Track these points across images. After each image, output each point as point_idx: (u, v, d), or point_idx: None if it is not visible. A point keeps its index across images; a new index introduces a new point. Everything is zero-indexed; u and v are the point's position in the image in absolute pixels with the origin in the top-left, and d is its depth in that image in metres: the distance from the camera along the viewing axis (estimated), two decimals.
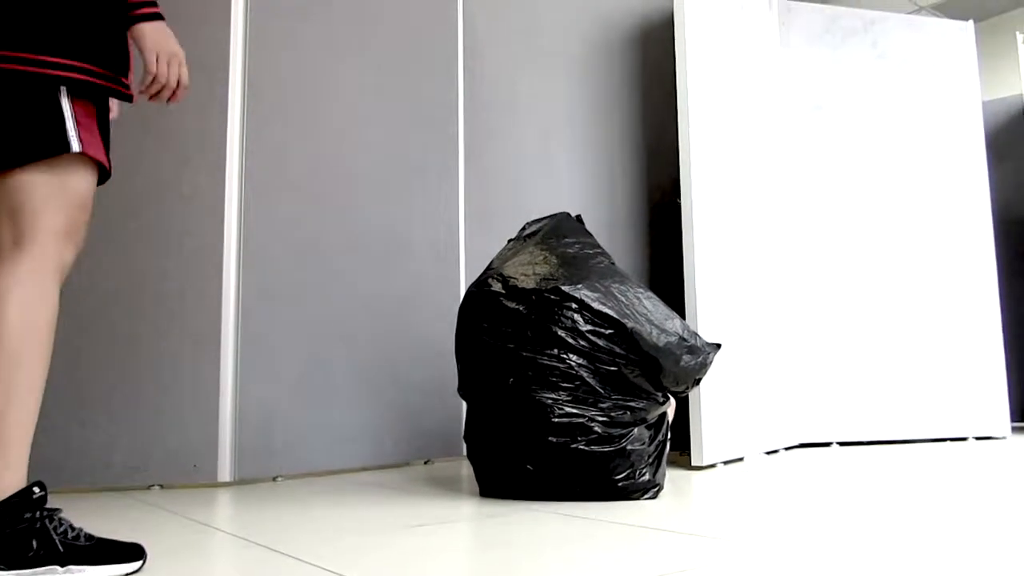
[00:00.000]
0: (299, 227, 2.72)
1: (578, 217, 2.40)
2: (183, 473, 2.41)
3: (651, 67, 3.75)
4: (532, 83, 3.44)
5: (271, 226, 2.63)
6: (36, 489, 1.27)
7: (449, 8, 3.29)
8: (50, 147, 1.31)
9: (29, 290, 1.30)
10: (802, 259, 3.56)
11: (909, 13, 5.25)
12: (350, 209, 2.87)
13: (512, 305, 2.07)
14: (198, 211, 2.51)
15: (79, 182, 1.36)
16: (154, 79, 1.45)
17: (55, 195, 1.33)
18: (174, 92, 1.50)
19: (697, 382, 2.17)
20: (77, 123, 1.33)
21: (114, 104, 1.58)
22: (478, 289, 2.17)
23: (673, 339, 2.04)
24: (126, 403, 2.41)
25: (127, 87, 1.44)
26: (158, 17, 1.47)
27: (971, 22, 3.96)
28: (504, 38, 3.41)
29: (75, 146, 1.32)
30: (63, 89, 1.33)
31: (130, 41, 1.48)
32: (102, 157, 1.39)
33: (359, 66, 2.95)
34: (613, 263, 2.22)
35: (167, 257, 2.49)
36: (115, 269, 2.45)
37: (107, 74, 1.38)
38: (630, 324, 2.00)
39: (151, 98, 1.48)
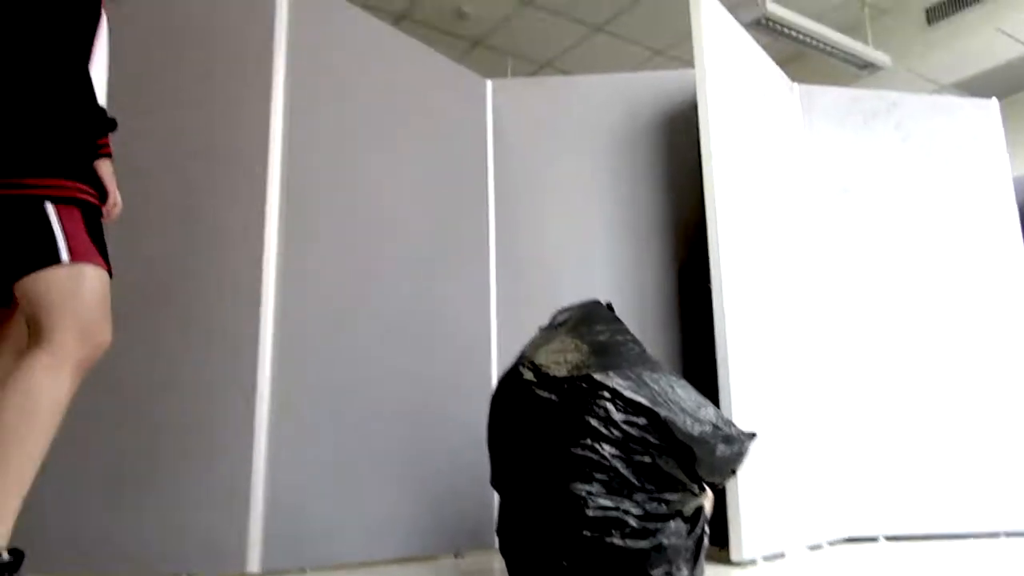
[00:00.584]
0: (334, 315, 2.74)
1: (608, 304, 2.41)
2: (212, 562, 2.38)
3: (676, 151, 3.80)
4: (560, 171, 3.50)
5: (307, 314, 2.66)
6: (6, 555, 1.31)
7: (478, 101, 3.38)
8: (44, 258, 1.46)
9: (38, 380, 1.42)
10: (838, 343, 3.51)
11: (931, 93, 5.31)
12: (383, 297, 2.90)
13: (544, 394, 2.05)
14: (236, 301, 2.55)
15: (85, 284, 1.49)
16: (114, 205, 1.73)
17: (63, 299, 1.47)
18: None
19: (734, 473, 2.12)
20: (66, 233, 1.48)
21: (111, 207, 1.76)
22: (510, 378, 2.16)
23: (707, 428, 2.01)
24: (158, 490, 2.41)
25: (97, 199, 1.62)
26: (110, 155, 1.74)
27: (995, 99, 3.98)
28: (532, 128, 3.49)
29: (64, 256, 1.47)
30: (48, 204, 1.47)
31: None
32: (94, 259, 1.52)
33: (392, 157, 3.03)
34: (644, 350, 2.21)
35: (204, 345, 2.52)
36: (153, 356, 2.48)
37: (83, 187, 1.55)
38: (663, 413, 1.98)
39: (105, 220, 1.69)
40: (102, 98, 1.73)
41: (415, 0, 5.47)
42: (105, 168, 1.70)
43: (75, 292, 1.48)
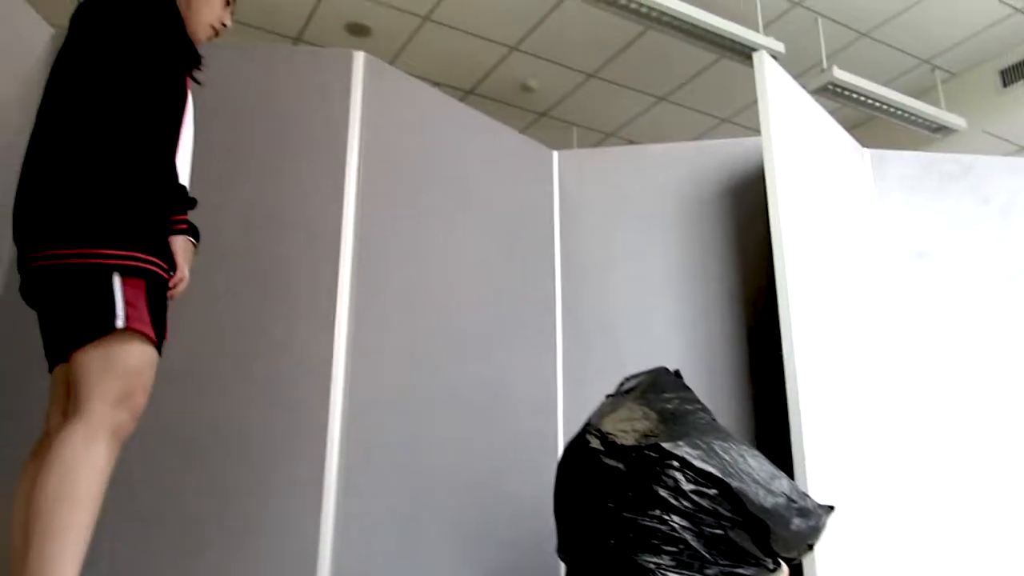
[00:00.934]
0: (401, 383, 2.77)
1: (676, 372, 2.38)
2: None
3: (745, 218, 3.78)
4: (626, 241, 3.51)
5: (374, 382, 2.70)
6: None
7: (545, 171, 3.44)
8: (101, 327, 1.51)
9: (76, 452, 1.45)
10: (917, 411, 3.38)
11: (1007, 155, 5.18)
12: (450, 366, 2.92)
13: (611, 463, 2.03)
14: (306, 368, 2.61)
15: (130, 354, 1.54)
16: (180, 280, 1.73)
17: (107, 367, 1.51)
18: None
19: (810, 547, 2.05)
20: (126, 302, 1.53)
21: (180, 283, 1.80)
22: (576, 446, 2.14)
23: (781, 500, 1.95)
24: (225, 554, 2.43)
25: (167, 271, 1.67)
26: (188, 232, 1.76)
27: None
28: (598, 198, 3.52)
29: (120, 323, 1.51)
30: (115, 274, 1.53)
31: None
32: (147, 330, 1.56)
33: (459, 229, 3.09)
34: (714, 419, 2.18)
35: (274, 412, 2.57)
36: (223, 424, 2.54)
37: (151, 259, 1.59)
38: (735, 483, 1.93)
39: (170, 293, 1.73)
40: (186, 171, 1.82)
41: (482, 76, 5.64)
42: (179, 244, 1.74)
43: (118, 361, 1.52)
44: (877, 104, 5.12)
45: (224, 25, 1.97)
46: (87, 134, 1.60)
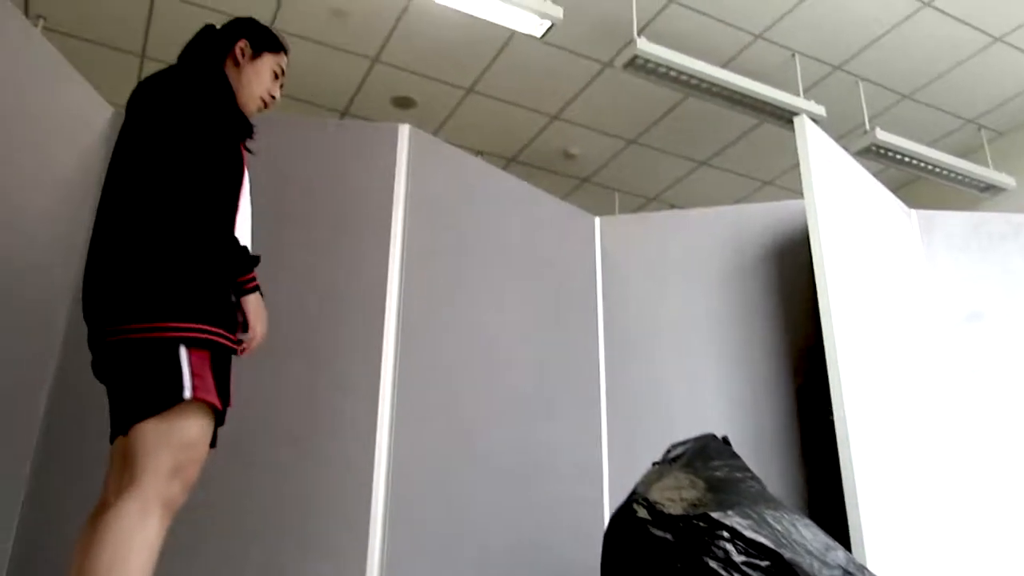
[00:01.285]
0: (445, 450, 2.77)
1: (724, 438, 2.34)
2: None
3: (790, 281, 3.74)
4: (670, 306, 3.49)
5: (419, 450, 2.70)
6: None
7: (586, 237, 3.46)
8: (169, 398, 1.53)
9: (130, 525, 1.46)
10: (975, 476, 3.26)
11: None
12: (495, 433, 2.91)
13: (659, 533, 1.98)
14: (351, 438, 2.62)
15: (188, 426, 1.56)
16: (253, 338, 1.76)
17: (165, 440, 1.53)
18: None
19: None
20: (193, 373, 1.55)
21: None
22: (622, 515, 2.10)
23: (837, 573, 1.89)
24: None
25: (233, 340, 1.69)
26: (257, 289, 1.78)
27: None
28: (641, 263, 3.53)
29: (187, 394, 1.53)
30: (182, 346, 1.56)
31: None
32: (212, 399, 1.58)
33: (503, 296, 3.11)
34: (764, 487, 2.13)
35: (322, 476, 2.57)
36: (268, 490, 2.54)
37: (216, 330, 1.62)
38: (787, 555, 1.87)
39: (242, 352, 1.76)
40: (247, 237, 1.86)
41: (524, 144, 5.73)
42: (250, 303, 1.76)
43: (176, 434, 1.54)
44: (922, 164, 5.07)
45: (273, 97, 2.04)
46: (149, 210, 1.66)
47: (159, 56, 4.68)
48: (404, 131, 3.00)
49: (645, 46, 4.02)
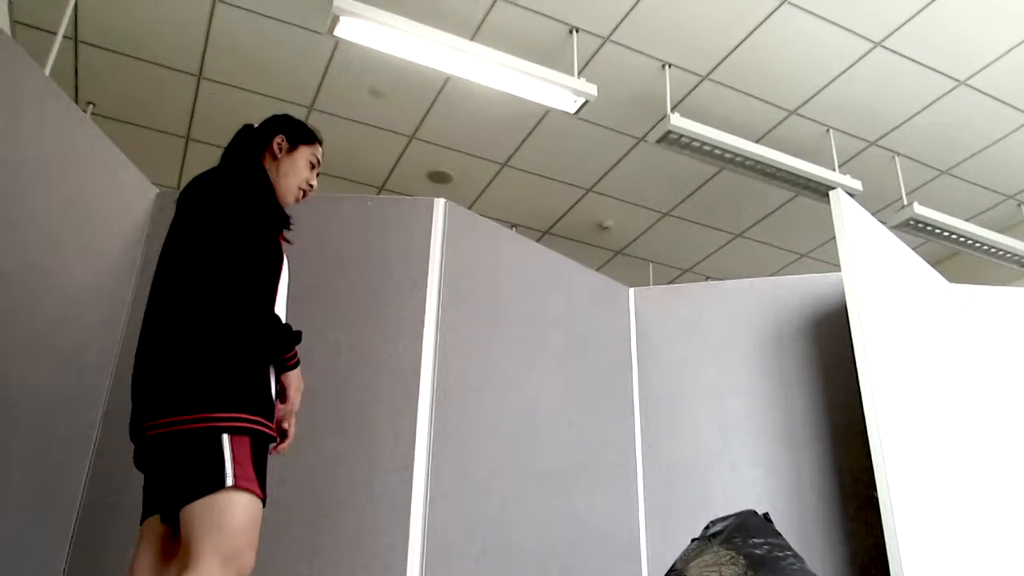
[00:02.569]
0: (481, 524, 2.73)
1: (765, 515, 2.28)
2: None
3: (828, 353, 3.69)
4: (707, 377, 3.46)
5: (454, 523, 2.66)
6: None
7: (621, 308, 3.45)
8: (211, 484, 1.58)
9: None
10: None
11: None
12: (529, 506, 2.86)
13: None
14: (387, 510, 2.59)
15: (236, 512, 1.59)
16: (291, 408, 1.83)
17: (216, 523, 1.56)
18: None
19: None
20: (235, 461, 1.60)
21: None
22: None
23: None
24: None
25: (271, 429, 1.74)
26: (298, 364, 1.85)
27: None
28: (676, 334, 3.51)
29: (229, 481, 1.58)
30: (224, 435, 1.61)
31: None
32: (253, 487, 1.63)
33: (538, 368, 3.10)
34: (805, 565, 2.06)
35: (356, 554, 2.54)
36: (308, 564, 2.51)
37: (257, 419, 1.67)
38: None
39: (280, 445, 1.85)
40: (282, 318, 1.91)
41: (558, 216, 5.79)
42: (292, 378, 1.85)
43: (224, 518, 1.57)
44: (961, 239, 5.03)
45: (311, 186, 2.13)
46: (190, 305, 1.73)
47: (203, 138, 4.84)
48: (440, 205, 3.05)
49: (678, 122, 4.07)
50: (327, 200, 3.09)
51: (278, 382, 1.85)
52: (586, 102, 3.92)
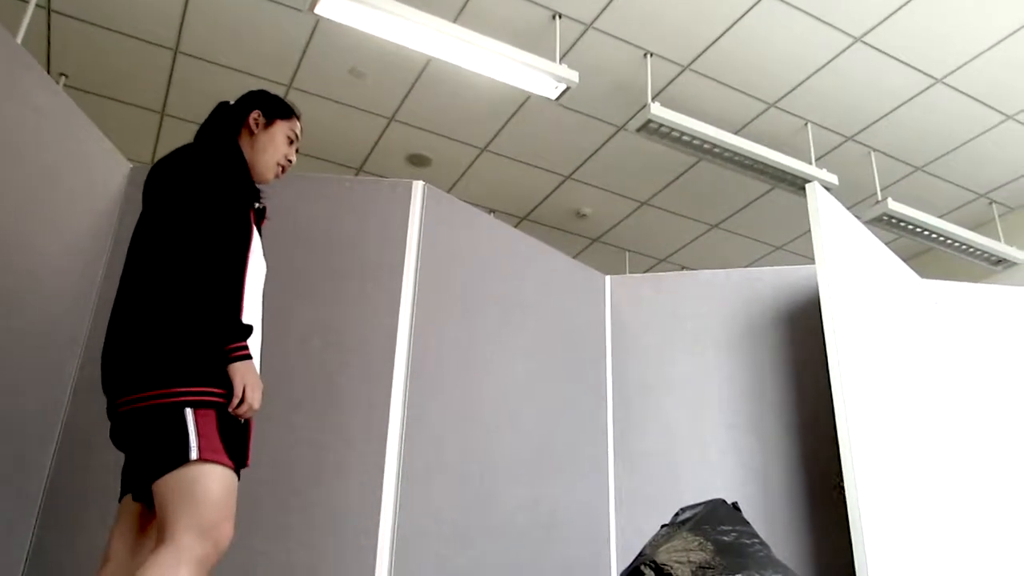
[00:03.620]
0: (451, 508, 2.73)
1: (734, 504, 2.31)
2: None
3: (799, 345, 3.73)
4: (680, 366, 3.48)
5: (424, 508, 2.66)
6: None
7: (597, 295, 3.46)
8: (177, 459, 1.58)
9: (161, 572, 1.48)
10: (989, 542, 3.20)
11: None
12: (500, 492, 2.87)
13: None
14: (358, 491, 2.59)
15: (208, 484, 1.59)
16: (241, 402, 1.72)
17: (188, 499, 1.56)
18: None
19: None
20: (199, 435, 1.60)
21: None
22: None
23: None
24: None
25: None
26: (247, 358, 1.74)
27: None
28: (651, 323, 3.53)
29: (193, 454, 1.58)
30: (188, 409, 1.61)
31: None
32: (221, 459, 1.62)
33: (512, 353, 3.10)
34: (771, 553, 2.08)
35: (326, 534, 2.54)
36: (277, 543, 2.51)
37: (220, 391, 1.67)
38: None
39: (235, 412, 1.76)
40: (258, 298, 1.89)
41: (536, 203, 5.79)
42: (236, 371, 1.73)
43: (196, 491, 1.57)
44: (934, 236, 5.09)
45: (290, 161, 2.11)
46: (160, 284, 1.72)
47: (178, 113, 4.78)
48: (418, 188, 3.04)
49: (659, 111, 4.08)
50: (305, 180, 3.07)
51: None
52: (567, 88, 3.91)
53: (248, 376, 1.76)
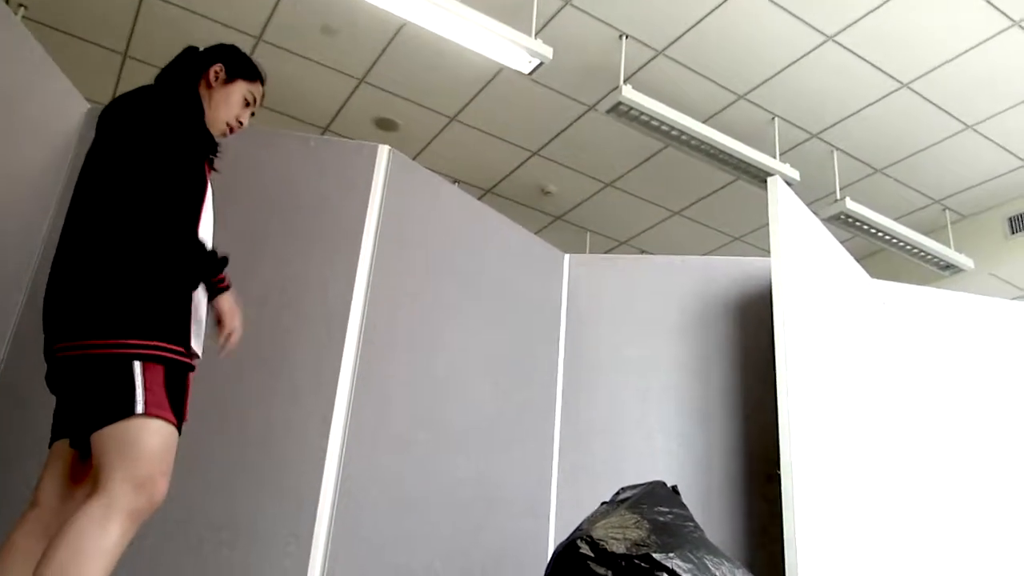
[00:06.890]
0: (395, 475, 2.74)
1: (674, 488, 2.36)
2: None
3: (751, 334, 3.80)
4: (631, 348, 3.52)
5: (368, 472, 2.67)
6: None
7: (555, 273, 3.48)
8: (121, 411, 1.56)
9: (91, 529, 1.47)
10: (927, 542, 3.31)
11: (1013, 299, 5.22)
12: (446, 461, 2.89)
13: (600, 570, 1.98)
14: (302, 453, 2.58)
15: (148, 438, 1.58)
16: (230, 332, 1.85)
17: (128, 450, 1.55)
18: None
19: None
20: (146, 389, 1.58)
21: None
22: (566, 551, 2.10)
23: None
24: None
25: (188, 357, 1.71)
26: (228, 289, 1.86)
27: None
28: (606, 303, 3.56)
29: (139, 408, 1.57)
30: (136, 362, 1.59)
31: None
32: (166, 414, 1.61)
33: (467, 324, 3.11)
34: (705, 537, 2.14)
35: (267, 494, 2.53)
36: (218, 499, 2.50)
37: (170, 347, 1.64)
38: None
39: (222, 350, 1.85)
40: (208, 246, 1.86)
41: (502, 176, 5.78)
42: (224, 301, 1.85)
43: (136, 444, 1.55)
44: (888, 237, 5.20)
45: (241, 123, 2.06)
46: (108, 226, 1.68)
47: (141, 56, 4.65)
48: (384, 152, 3.01)
49: (630, 94, 4.09)
50: (268, 135, 3.02)
51: (211, 308, 1.84)
52: (541, 64, 3.90)
53: (233, 307, 1.85)
